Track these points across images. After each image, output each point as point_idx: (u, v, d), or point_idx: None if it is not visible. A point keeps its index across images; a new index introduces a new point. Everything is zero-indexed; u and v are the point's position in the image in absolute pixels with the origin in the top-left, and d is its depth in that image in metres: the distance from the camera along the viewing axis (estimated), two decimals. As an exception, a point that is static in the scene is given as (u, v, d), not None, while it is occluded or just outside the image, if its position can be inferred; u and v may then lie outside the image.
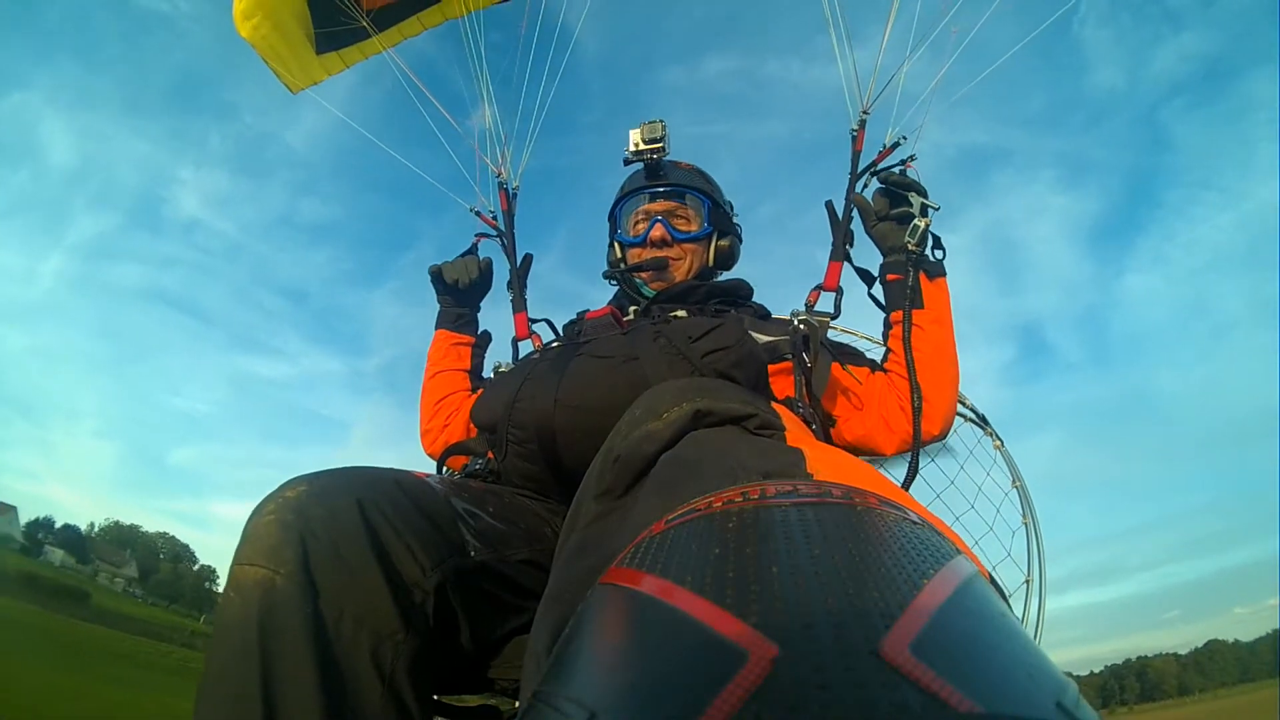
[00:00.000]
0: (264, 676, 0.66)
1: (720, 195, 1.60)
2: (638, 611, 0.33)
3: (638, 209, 1.55)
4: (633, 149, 1.53)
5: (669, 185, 1.54)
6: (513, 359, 1.63)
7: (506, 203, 1.83)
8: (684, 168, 1.60)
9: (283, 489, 0.78)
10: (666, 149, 1.53)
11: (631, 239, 1.53)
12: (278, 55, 1.96)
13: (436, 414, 1.54)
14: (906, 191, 1.36)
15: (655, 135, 1.51)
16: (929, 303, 1.32)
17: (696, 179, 1.57)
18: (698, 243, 1.51)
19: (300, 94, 2.09)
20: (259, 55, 1.94)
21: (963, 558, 0.35)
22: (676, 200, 1.53)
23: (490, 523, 0.93)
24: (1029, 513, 1.72)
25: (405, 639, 0.73)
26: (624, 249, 1.56)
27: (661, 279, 1.48)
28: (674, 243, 1.49)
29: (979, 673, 0.26)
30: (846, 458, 0.57)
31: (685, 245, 1.50)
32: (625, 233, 1.56)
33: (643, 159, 1.53)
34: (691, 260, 1.50)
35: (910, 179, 1.37)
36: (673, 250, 1.49)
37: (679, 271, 1.49)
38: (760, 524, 0.36)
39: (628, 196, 1.58)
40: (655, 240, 1.48)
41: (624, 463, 0.61)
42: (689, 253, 1.50)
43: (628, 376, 0.98)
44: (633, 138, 1.54)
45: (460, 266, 1.61)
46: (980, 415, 2.01)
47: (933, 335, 1.31)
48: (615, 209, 1.62)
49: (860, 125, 1.57)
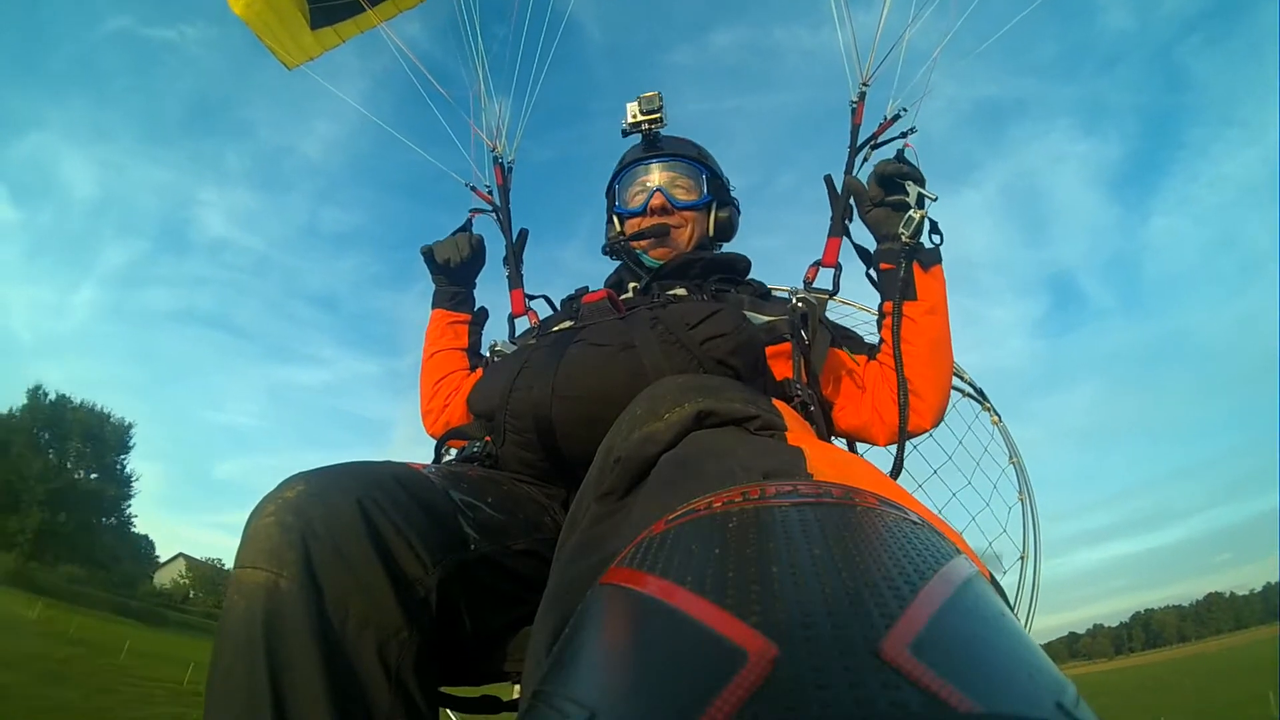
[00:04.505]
0: (272, 680, 0.66)
1: (718, 167, 1.60)
2: (638, 611, 0.33)
3: (636, 180, 1.55)
4: (630, 121, 1.53)
5: (667, 155, 1.53)
6: (509, 336, 1.62)
7: (502, 177, 1.81)
8: (681, 140, 1.59)
9: (281, 489, 0.77)
10: (664, 120, 1.52)
11: (631, 210, 1.53)
12: (272, 32, 1.95)
13: (436, 394, 1.55)
14: (904, 180, 1.32)
15: (653, 106, 1.51)
16: (922, 294, 1.30)
17: (694, 149, 1.57)
18: (697, 211, 1.51)
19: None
20: (253, 32, 1.92)
21: (963, 558, 0.35)
22: (675, 170, 1.53)
23: (490, 514, 0.93)
24: (1025, 488, 1.74)
25: (410, 636, 0.74)
26: (623, 221, 1.55)
27: (663, 246, 1.48)
28: (674, 211, 1.48)
29: (979, 673, 0.26)
30: (847, 456, 0.57)
31: (685, 214, 1.50)
32: (624, 204, 1.56)
33: (640, 130, 1.53)
34: (692, 229, 1.50)
35: (907, 168, 1.32)
36: (673, 218, 1.48)
37: (680, 239, 1.49)
38: (760, 524, 0.36)
39: (626, 168, 1.57)
40: (655, 209, 1.48)
41: (625, 464, 0.61)
42: (689, 221, 1.50)
43: (624, 365, 0.97)
44: (630, 110, 1.53)
45: (451, 245, 1.60)
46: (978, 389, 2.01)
47: (925, 327, 1.29)
48: (613, 182, 1.61)
49: (860, 97, 1.55)
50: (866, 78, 1.55)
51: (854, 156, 1.49)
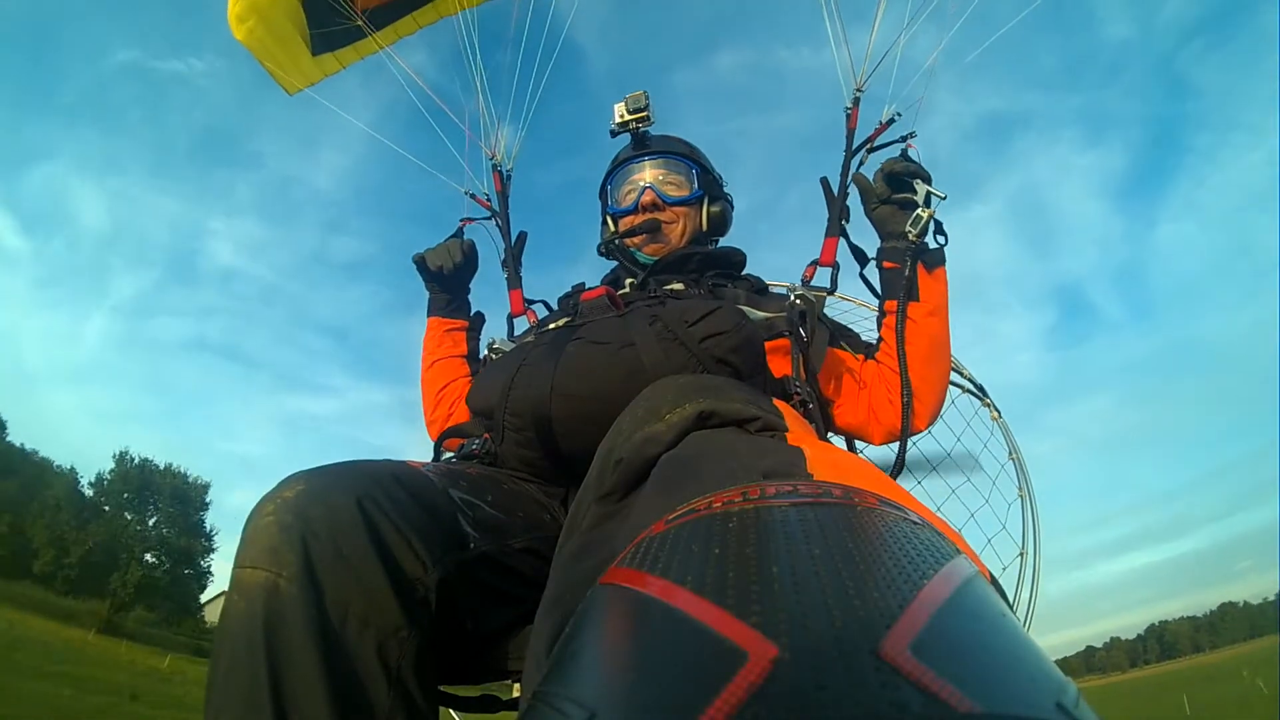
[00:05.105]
0: (273, 680, 0.66)
1: (708, 162, 1.60)
2: (638, 612, 0.33)
3: (627, 179, 1.56)
4: (618, 120, 1.54)
5: (656, 152, 1.54)
6: (508, 334, 1.62)
7: (500, 184, 1.83)
8: (670, 138, 1.60)
9: (280, 488, 0.77)
10: (651, 118, 1.53)
11: (623, 209, 1.53)
12: (273, 57, 1.98)
13: (439, 404, 1.55)
14: (912, 179, 1.32)
15: (639, 105, 1.52)
16: (925, 295, 1.29)
17: (683, 146, 1.58)
18: (689, 206, 1.52)
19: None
20: (255, 57, 1.95)
21: (963, 558, 0.35)
22: (665, 167, 1.53)
23: (489, 512, 0.93)
24: (1025, 485, 1.74)
25: (410, 635, 0.74)
26: (616, 221, 1.56)
27: (656, 241, 1.48)
28: (665, 207, 1.49)
29: (979, 673, 0.26)
30: (847, 456, 0.57)
31: (677, 209, 1.50)
32: (617, 204, 1.57)
33: (628, 129, 1.53)
34: (684, 224, 1.51)
35: (916, 166, 1.32)
36: (664, 214, 1.49)
37: (673, 235, 1.49)
38: (760, 524, 0.36)
39: (617, 168, 1.58)
40: (646, 205, 1.49)
41: (626, 465, 0.61)
42: (681, 216, 1.50)
43: (624, 363, 0.97)
44: (617, 110, 1.54)
45: (443, 252, 1.60)
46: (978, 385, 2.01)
47: (927, 328, 1.29)
48: (605, 183, 1.62)
49: (854, 103, 1.55)
50: (860, 83, 1.55)
51: (849, 160, 1.50)
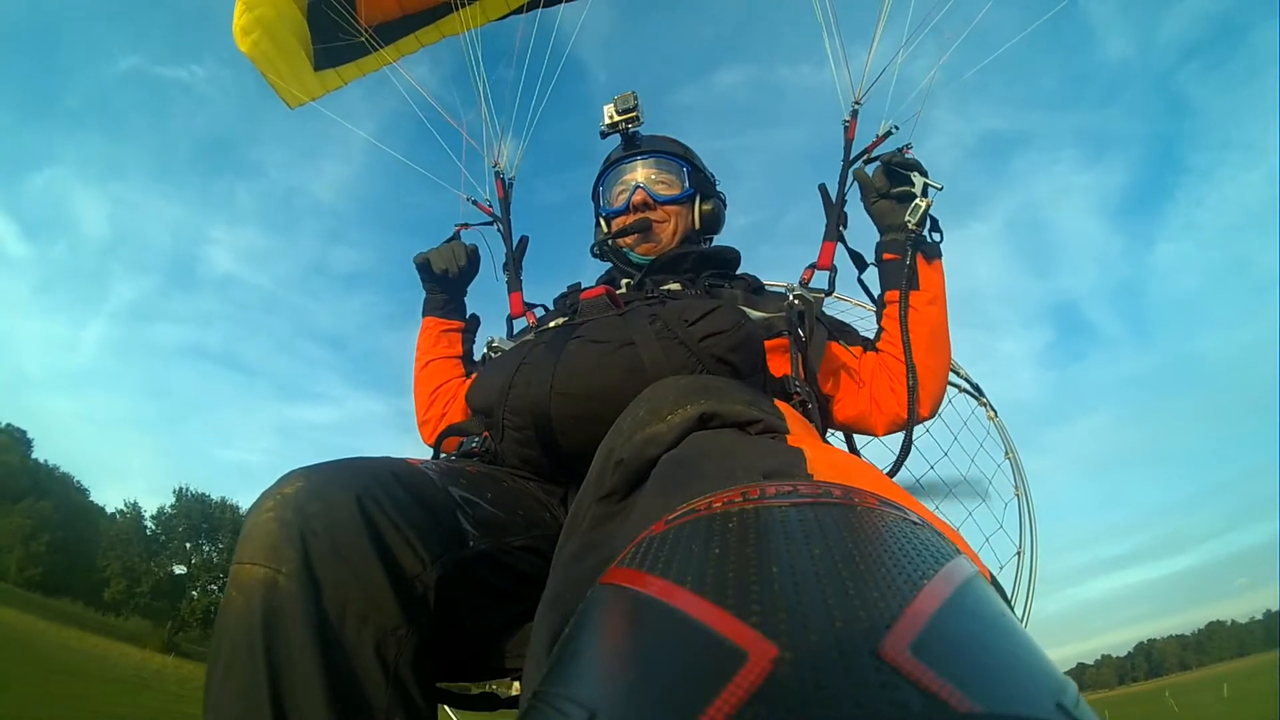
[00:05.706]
0: (271, 676, 0.66)
1: (699, 161, 1.60)
2: (638, 612, 0.33)
3: (618, 179, 1.56)
4: (608, 122, 1.54)
5: (646, 152, 1.54)
6: (507, 335, 1.62)
7: (503, 190, 1.84)
8: (661, 137, 1.60)
9: (280, 485, 0.77)
10: (641, 118, 1.53)
11: (615, 209, 1.53)
12: (276, 70, 2.00)
13: (433, 404, 1.54)
14: (909, 171, 1.36)
15: (628, 105, 1.52)
16: (924, 284, 1.33)
17: (673, 145, 1.58)
18: (680, 205, 1.52)
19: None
20: (258, 70, 1.96)
21: (963, 558, 0.35)
22: (655, 166, 1.53)
23: (489, 510, 0.93)
24: (1021, 484, 1.75)
25: (408, 633, 0.74)
26: (609, 222, 1.56)
27: (648, 241, 1.48)
28: (656, 206, 1.49)
29: (979, 673, 0.26)
30: (847, 457, 0.57)
31: (668, 208, 1.50)
32: (609, 204, 1.56)
33: (618, 130, 1.54)
34: (676, 223, 1.50)
35: (912, 159, 1.37)
36: (656, 213, 1.49)
37: (664, 234, 1.49)
38: (760, 524, 0.36)
39: (608, 169, 1.58)
40: (637, 205, 1.48)
41: (626, 466, 0.61)
42: (673, 215, 1.50)
43: (623, 362, 0.97)
44: (607, 111, 1.54)
45: (447, 254, 1.60)
46: (975, 385, 2.02)
47: (927, 316, 1.33)
48: (597, 184, 1.62)
49: (852, 115, 1.57)
50: (859, 96, 1.57)
51: (847, 169, 1.52)
